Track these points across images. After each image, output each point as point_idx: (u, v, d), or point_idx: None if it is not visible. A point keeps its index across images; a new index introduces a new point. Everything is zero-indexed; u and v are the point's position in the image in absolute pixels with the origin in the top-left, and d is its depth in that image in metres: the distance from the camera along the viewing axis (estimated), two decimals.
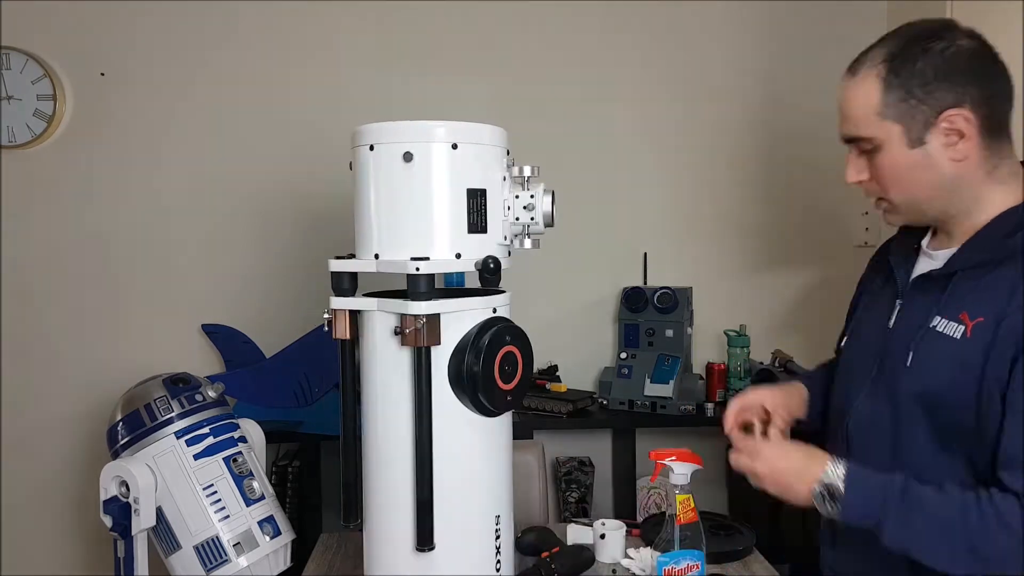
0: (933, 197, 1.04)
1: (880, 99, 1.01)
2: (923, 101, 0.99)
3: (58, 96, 2.23)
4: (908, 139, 1.01)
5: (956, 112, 0.98)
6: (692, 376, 2.25)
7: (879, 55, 1.03)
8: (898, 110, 1.00)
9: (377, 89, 2.34)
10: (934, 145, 1.00)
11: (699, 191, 2.46)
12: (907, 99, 1.00)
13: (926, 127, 1.00)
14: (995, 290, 0.98)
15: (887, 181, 1.05)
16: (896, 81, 1.00)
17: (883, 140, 1.02)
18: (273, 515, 1.51)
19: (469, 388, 1.06)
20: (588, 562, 1.42)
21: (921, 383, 1.03)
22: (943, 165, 1.01)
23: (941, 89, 0.99)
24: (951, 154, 1.00)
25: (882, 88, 1.01)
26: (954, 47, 0.99)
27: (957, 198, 1.03)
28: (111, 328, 2.32)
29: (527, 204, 1.15)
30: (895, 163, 1.03)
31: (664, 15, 2.41)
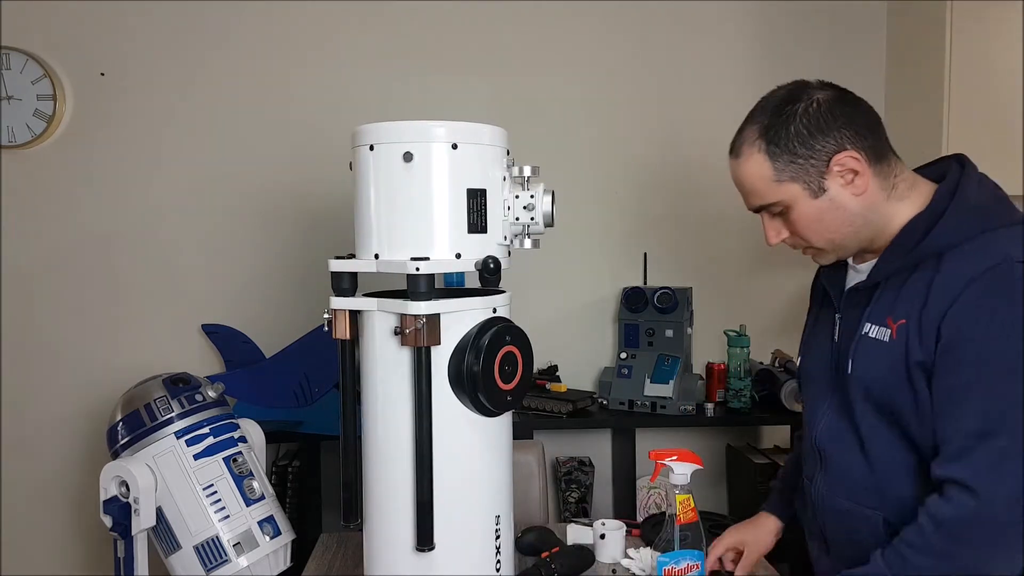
0: (850, 233, 1.11)
1: (770, 169, 1.10)
2: (809, 157, 1.07)
3: (58, 96, 2.23)
4: (810, 191, 1.09)
5: (843, 155, 1.07)
6: (692, 376, 2.25)
7: (753, 132, 1.12)
8: (791, 171, 1.09)
9: (377, 89, 2.34)
10: (835, 189, 1.09)
11: (699, 191, 2.46)
12: (794, 160, 1.08)
13: (821, 176, 1.08)
14: (913, 292, 1.06)
15: (806, 232, 1.13)
16: (778, 149, 1.09)
17: (788, 200, 1.11)
18: (273, 515, 1.51)
19: (469, 388, 1.06)
20: (588, 562, 1.42)
21: (863, 385, 1.11)
22: (849, 203, 1.09)
23: (820, 141, 1.07)
24: (852, 191, 1.08)
25: (768, 159, 1.10)
26: (814, 102, 1.08)
27: (870, 225, 1.11)
28: (111, 328, 2.32)
29: (527, 204, 1.15)
30: (806, 216, 1.11)
31: (664, 15, 2.41)
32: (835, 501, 1.18)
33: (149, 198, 2.31)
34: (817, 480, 1.22)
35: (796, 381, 2.17)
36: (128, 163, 2.29)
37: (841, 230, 1.11)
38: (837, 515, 1.18)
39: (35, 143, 2.25)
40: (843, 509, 1.16)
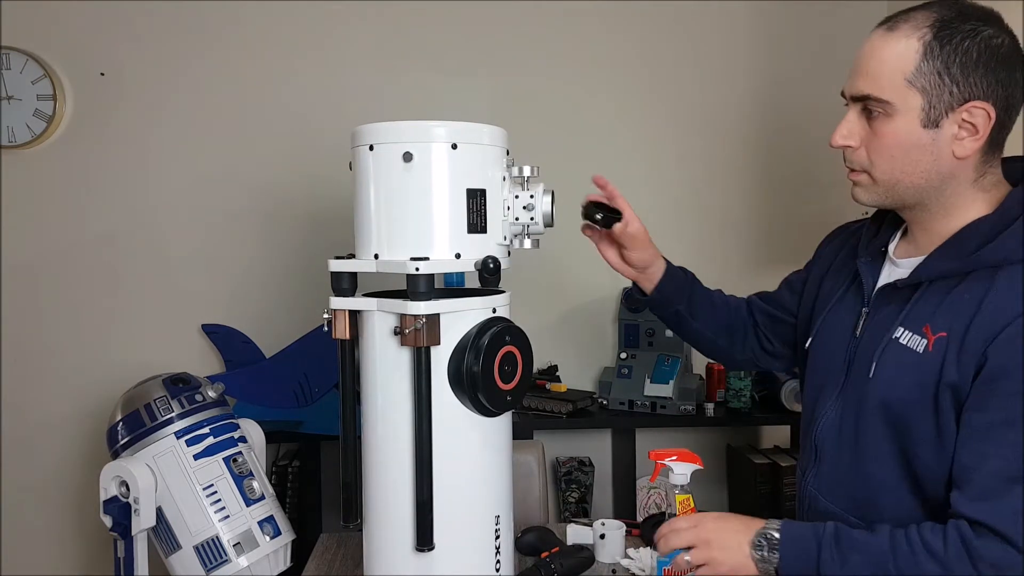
0: (919, 185, 0.99)
1: (915, 65, 0.94)
2: (955, 83, 0.93)
3: (58, 96, 2.23)
4: (925, 116, 0.95)
5: (981, 105, 0.94)
6: (692, 376, 2.25)
7: (926, 18, 0.95)
8: (928, 82, 0.94)
9: (377, 89, 2.34)
10: (946, 132, 0.96)
11: (699, 191, 2.46)
12: (941, 75, 0.94)
13: (948, 111, 0.95)
14: (959, 304, 0.95)
15: (881, 153, 0.99)
16: (938, 51, 0.94)
17: (899, 108, 0.96)
18: (273, 515, 1.51)
19: (469, 388, 1.06)
20: (588, 562, 1.42)
21: (882, 394, 1.01)
22: (945, 157, 0.96)
23: (977, 76, 0.93)
24: (957, 148, 0.96)
25: (921, 53, 0.94)
26: (1001, 39, 0.94)
27: (940, 194, 1.00)
28: (111, 328, 2.32)
29: (527, 204, 1.15)
30: (899, 137, 0.97)
31: (663, 15, 2.41)
32: (823, 504, 1.11)
33: (149, 198, 2.31)
34: (809, 477, 1.15)
35: (796, 380, 2.18)
36: (128, 163, 2.29)
37: (915, 176, 0.98)
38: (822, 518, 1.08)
39: (35, 143, 2.25)
40: (829, 512, 1.09)
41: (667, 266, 1.36)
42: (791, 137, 2.44)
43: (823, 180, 2.40)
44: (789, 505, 2.18)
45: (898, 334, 1.01)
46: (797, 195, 2.45)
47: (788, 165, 2.45)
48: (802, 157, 2.43)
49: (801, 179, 2.45)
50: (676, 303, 1.35)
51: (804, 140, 2.43)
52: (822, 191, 2.41)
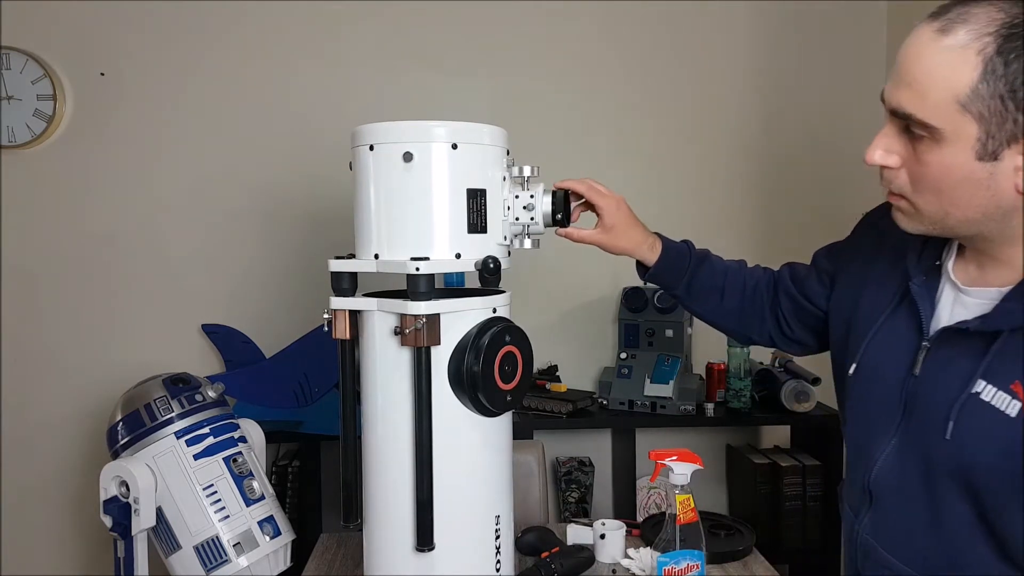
0: (974, 219, 0.82)
1: (971, 86, 0.76)
2: (1022, 110, 0.75)
3: (58, 96, 2.23)
4: (981, 148, 0.78)
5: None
6: (692, 376, 2.25)
7: (989, 21, 0.75)
8: (987, 108, 0.76)
9: (377, 89, 2.34)
10: (1006, 165, 0.78)
11: (699, 191, 2.46)
12: (1005, 100, 0.75)
13: (1009, 140, 0.76)
14: None
15: (927, 184, 0.83)
16: (1002, 71, 0.74)
17: (948, 136, 0.78)
18: (273, 515, 1.51)
19: (469, 388, 1.06)
20: (588, 562, 1.42)
21: (962, 460, 0.86)
22: (1004, 191, 0.79)
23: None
24: (1019, 181, 0.78)
25: (980, 72, 0.75)
26: None
27: (1004, 226, 0.82)
28: (111, 328, 2.32)
29: (527, 204, 1.15)
30: (949, 169, 0.80)
31: (664, 15, 2.41)
32: (883, 556, 0.97)
33: (149, 198, 2.31)
34: (864, 521, 0.99)
35: (796, 380, 2.18)
36: (128, 163, 2.29)
37: (968, 211, 0.82)
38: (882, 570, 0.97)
39: (35, 143, 2.24)
40: (892, 567, 0.95)
41: (663, 250, 1.29)
42: (792, 137, 2.44)
43: (824, 180, 2.40)
44: (789, 505, 2.18)
45: (979, 389, 0.84)
46: (797, 195, 2.45)
47: (788, 165, 2.45)
48: (803, 157, 2.43)
49: (802, 179, 2.45)
50: (672, 288, 1.30)
51: (805, 140, 2.43)
52: (823, 191, 2.41)
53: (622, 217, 1.27)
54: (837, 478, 2.17)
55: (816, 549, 2.19)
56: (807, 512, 2.19)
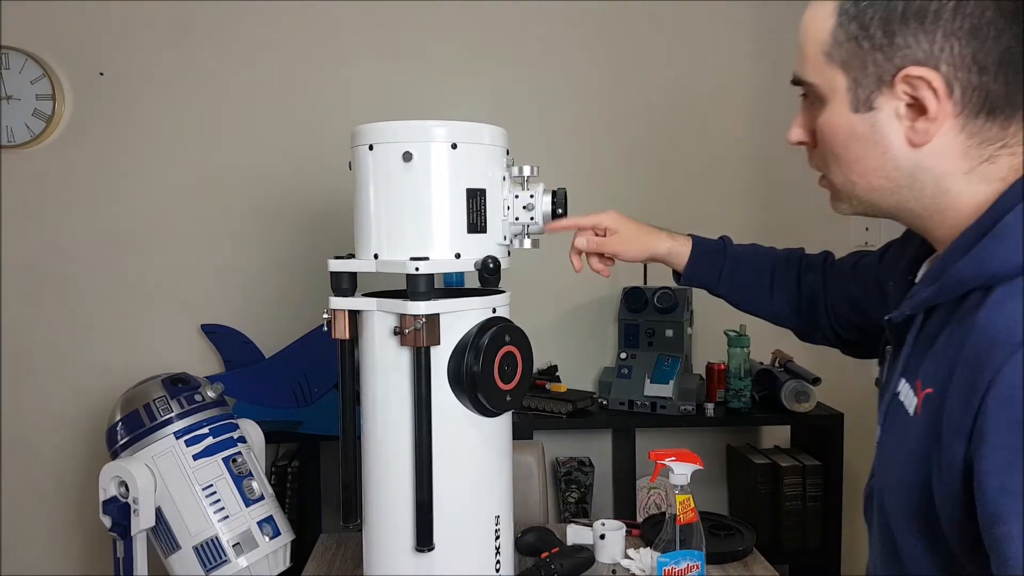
0: (883, 187, 0.75)
1: (830, 32, 0.72)
2: (879, 48, 0.69)
3: (57, 96, 2.23)
4: (853, 98, 0.72)
5: (919, 73, 0.67)
6: (692, 376, 2.25)
7: None
8: (848, 53, 0.71)
9: (377, 89, 2.34)
10: (884, 114, 0.71)
11: (699, 191, 2.46)
12: (860, 40, 0.70)
13: (878, 84, 0.70)
14: (949, 346, 0.68)
15: (827, 153, 0.79)
16: (854, 9, 0.70)
17: (824, 91, 0.75)
18: (273, 515, 1.51)
19: (469, 388, 1.06)
20: (588, 562, 1.42)
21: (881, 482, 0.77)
22: (895, 146, 0.72)
23: (907, 34, 0.67)
24: (908, 133, 0.71)
25: (834, 19, 0.72)
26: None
27: (921, 197, 0.73)
28: (111, 328, 2.31)
29: (527, 204, 1.15)
30: (834, 129, 0.76)
31: (665, 14, 2.41)
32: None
33: (149, 198, 2.31)
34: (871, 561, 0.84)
35: (796, 380, 2.18)
36: (128, 163, 2.29)
37: (868, 176, 0.75)
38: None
39: (34, 143, 2.24)
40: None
41: (691, 252, 1.24)
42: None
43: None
44: (789, 505, 2.18)
45: (899, 388, 0.76)
46: (798, 195, 2.45)
47: (789, 165, 2.45)
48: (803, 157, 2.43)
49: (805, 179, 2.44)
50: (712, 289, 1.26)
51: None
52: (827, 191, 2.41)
53: (625, 223, 1.27)
54: (837, 478, 2.17)
55: (816, 549, 2.19)
56: (807, 512, 2.19)
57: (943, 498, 0.65)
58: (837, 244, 2.35)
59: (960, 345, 0.65)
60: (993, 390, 0.59)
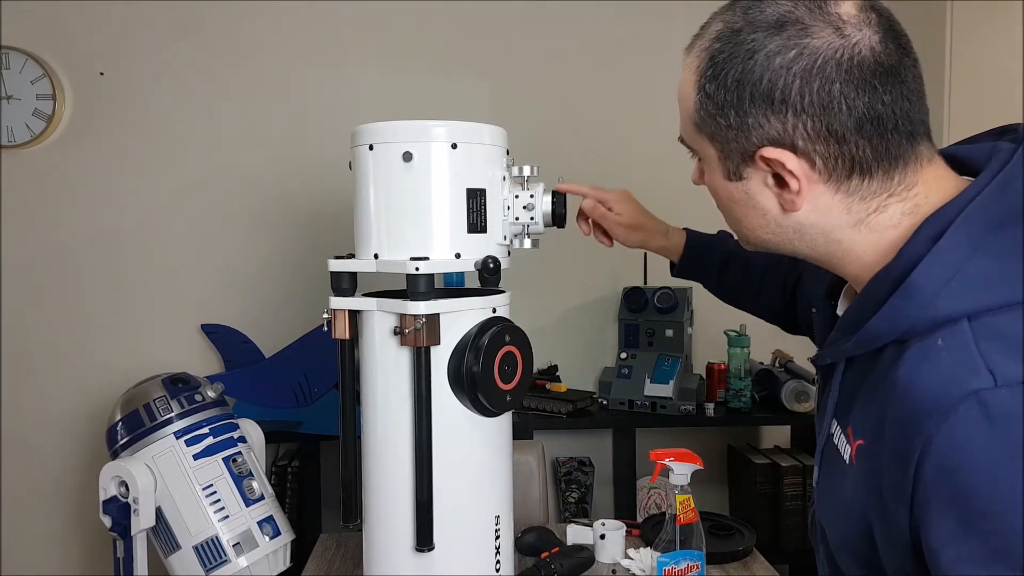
0: (770, 240, 0.75)
1: (695, 106, 0.72)
2: (737, 128, 0.69)
3: (57, 96, 2.23)
4: (724, 168, 0.73)
5: (773, 155, 0.68)
6: (692, 376, 2.25)
7: (709, 36, 0.71)
8: (711, 128, 0.72)
9: (377, 89, 2.34)
10: (754, 184, 0.72)
11: (700, 191, 2.45)
12: (718, 118, 0.70)
13: (743, 160, 0.71)
14: (873, 399, 0.67)
15: (719, 207, 0.80)
16: (710, 88, 0.70)
17: (703, 157, 0.77)
18: (273, 515, 1.51)
19: (469, 388, 1.06)
20: (588, 562, 1.42)
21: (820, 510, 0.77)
22: (770, 209, 0.73)
23: (759, 115, 0.67)
24: (780, 200, 0.71)
25: (697, 92, 0.72)
26: (804, 50, 0.65)
27: (815, 247, 0.73)
28: (111, 328, 2.32)
29: (527, 204, 1.15)
30: (715, 190, 0.77)
31: (664, 15, 2.41)
32: None
33: (149, 198, 2.31)
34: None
35: (796, 380, 2.18)
36: (128, 163, 2.29)
37: (756, 231, 0.76)
38: None
39: (35, 143, 2.24)
40: None
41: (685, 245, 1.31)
42: None
43: None
44: (789, 505, 2.18)
45: (833, 430, 0.75)
46: None
47: None
48: None
49: None
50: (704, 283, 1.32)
51: None
52: None
53: (630, 207, 1.30)
54: None
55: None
56: (807, 512, 2.18)
57: (888, 550, 0.65)
58: None
59: (884, 399, 0.64)
60: (928, 461, 0.58)
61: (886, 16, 0.68)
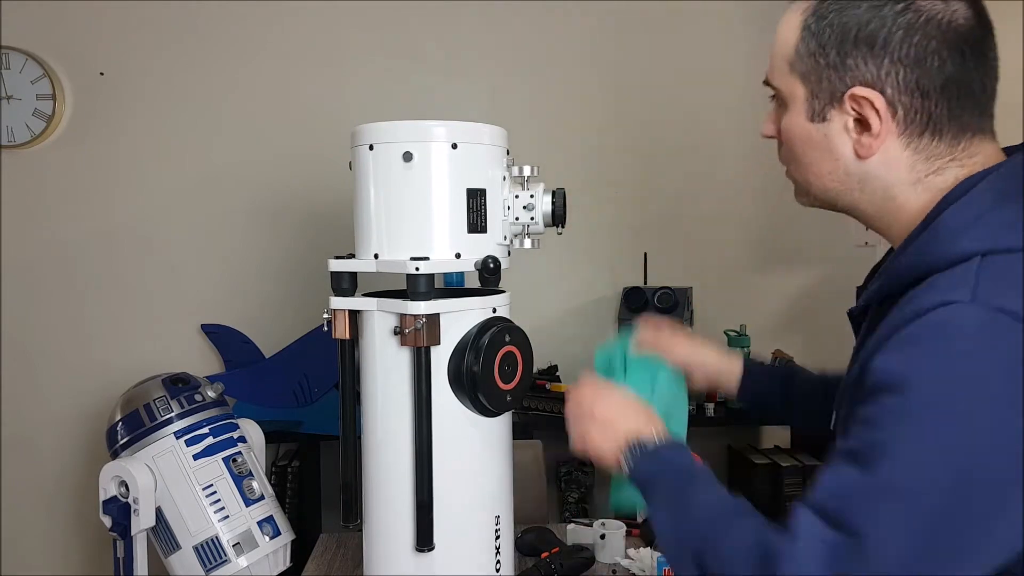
0: (835, 188, 0.80)
1: (794, 46, 0.78)
2: (833, 67, 0.75)
3: (57, 96, 2.23)
4: (809, 108, 0.78)
5: (864, 94, 0.73)
6: None
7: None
8: (807, 67, 0.77)
9: (377, 89, 2.34)
10: (835, 126, 0.77)
11: (699, 191, 2.45)
12: (817, 56, 0.76)
13: (831, 99, 0.76)
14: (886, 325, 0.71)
15: (788, 151, 0.84)
16: (815, 27, 0.76)
17: (788, 98, 0.81)
18: (273, 515, 1.50)
19: (469, 388, 1.06)
20: (588, 562, 1.42)
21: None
22: (845, 156, 0.78)
23: (860, 57, 0.73)
24: (855, 145, 0.76)
25: (799, 32, 0.77)
26: (914, 9, 0.72)
27: (871, 198, 0.79)
28: (111, 328, 2.31)
29: (527, 204, 1.15)
30: (793, 132, 0.81)
31: (665, 14, 2.41)
32: None
33: (149, 198, 2.31)
34: None
35: None
36: (128, 163, 2.29)
37: (822, 177, 0.80)
38: None
39: (35, 143, 2.24)
40: None
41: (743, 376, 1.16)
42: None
43: None
44: (789, 506, 2.17)
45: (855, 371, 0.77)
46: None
47: None
48: None
49: None
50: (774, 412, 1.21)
51: None
52: None
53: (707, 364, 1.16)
54: None
55: None
56: None
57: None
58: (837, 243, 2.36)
59: (894, 318, 0.70)
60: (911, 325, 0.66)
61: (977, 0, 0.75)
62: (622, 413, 0.93)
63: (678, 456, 0.88)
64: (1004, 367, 0.62)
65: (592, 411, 0.95)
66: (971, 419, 0.62)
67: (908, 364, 0.65)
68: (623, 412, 0.93)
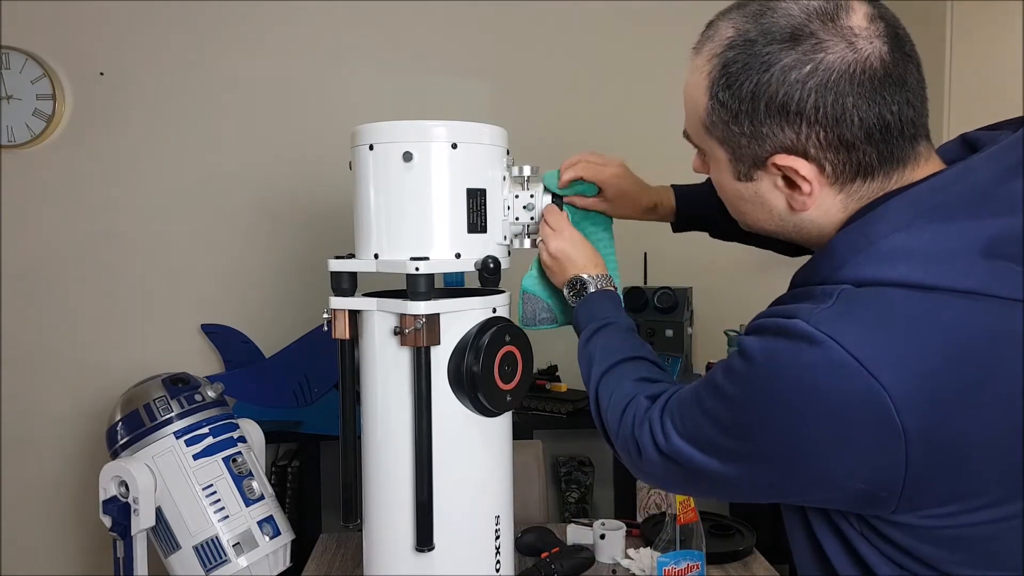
0: (770, 230, 0.80)
1: (706, 110, 0.74)
2: (750, 135, 0.71)
3: (57, 96, 2.23)
4: (735, 169, 0.76)
5: (786, 162, 0.71)
6: (692, 376, 2.25)
7: (721, 41, 0.72)
8: (723, 133, 0.74)
9: (377, 89, 2.34)
10: (765, 185, 0.75)
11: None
12: (731, 126, 0.73)
13: (755, 164, 0.74)
14: None
15: (722, 197, 0.83)
16: (723, 97, 0.72)
17: (711, 156, 0.79)
18: (272, 515, 1.50)
19: (469, 388, 1.06)
20: (588, 562, 1.42)
21: None
22: (777, 207, 0.76)
23: (774, 125, 0.70)
24: (788, 199, 0.75)
25: (708, 98, 0.73)
26: (819, 65, 0.67)
27: (808, 237, 0.78)
28: (111, 328, 2.32)
29: (527, 204, 1.15)
30: (723, 186, 0.80)
31: (665, 14, 2.41)
32: None
33: (149, 198, 2.31)
34: None
35: None
36: (128, 163, 2.29)
37: (759, 223, 0.80)
38: None
39: (35, 143, 2.24)
40: None
41: (676, 204, 1.27)
42: None
43: None
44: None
45: None
46: None
47: None
48: None
49: None
50: (711, 231, 1.26)
51: None
52: None
53: (626, 185, 1.24)
54: None
55: None
56: None
57: None
58: None
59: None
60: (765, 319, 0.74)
61: (891, 23, 0.70)
62: (570, 254, 1.12)
63: (608, 304, 1.06)
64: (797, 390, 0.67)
65: (547, 246, 1.13)
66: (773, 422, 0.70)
67: (753, 348, 0.72)
68: (571, 252, 1.12)
